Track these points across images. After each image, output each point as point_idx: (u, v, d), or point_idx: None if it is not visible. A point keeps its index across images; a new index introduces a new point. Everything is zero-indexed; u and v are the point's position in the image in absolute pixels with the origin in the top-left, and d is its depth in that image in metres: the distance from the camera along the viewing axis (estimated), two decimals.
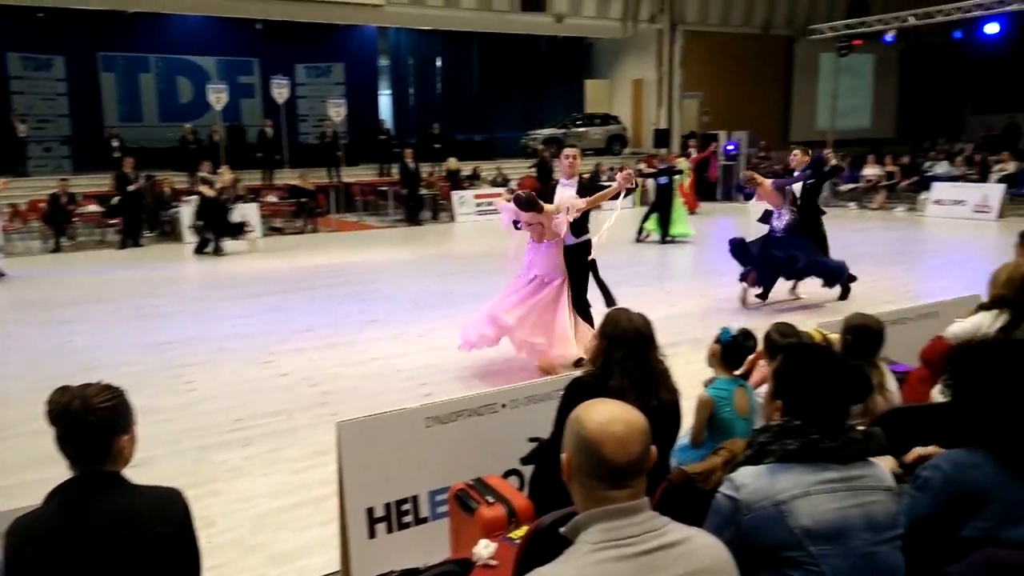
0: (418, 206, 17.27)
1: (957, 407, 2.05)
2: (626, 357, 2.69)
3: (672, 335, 7.07)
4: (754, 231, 8.81)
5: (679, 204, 13.42)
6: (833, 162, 8.75)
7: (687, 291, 9.22)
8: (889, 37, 19.05)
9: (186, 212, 14.12)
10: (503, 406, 3.34)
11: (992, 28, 17.39)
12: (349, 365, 6.61)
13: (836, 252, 11.65)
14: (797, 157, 8.37)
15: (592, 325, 5.61)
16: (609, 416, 1.52)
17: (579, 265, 5.99)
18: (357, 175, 19.91)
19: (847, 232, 14.32)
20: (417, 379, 6.12)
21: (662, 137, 23.74)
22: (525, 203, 5.72)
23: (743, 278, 8.16)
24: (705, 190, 20.44)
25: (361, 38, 23.14)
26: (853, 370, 1.98)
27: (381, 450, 3.11)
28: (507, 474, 3.30)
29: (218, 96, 16.75)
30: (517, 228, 6.12)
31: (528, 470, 3.26)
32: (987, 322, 3.50)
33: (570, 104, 25.98)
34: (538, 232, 5.85)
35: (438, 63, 25.56)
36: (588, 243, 6.07)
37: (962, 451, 1.99)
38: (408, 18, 20.85)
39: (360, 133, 22.02)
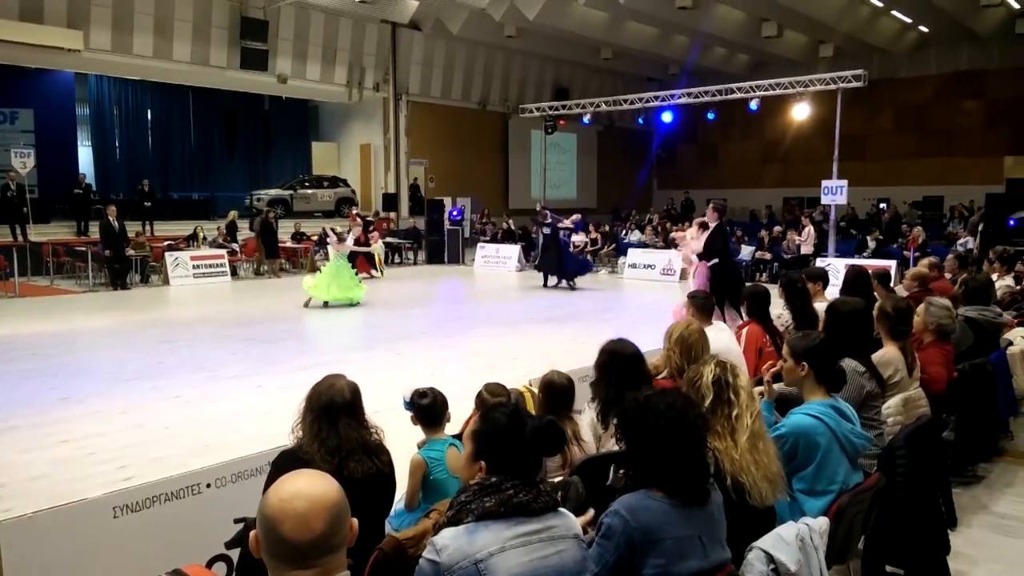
0: (124, 268, 15.71)
1: (628, 455, 2.27)
2: (315, 424, 2.63)
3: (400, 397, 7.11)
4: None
5: (344, 270, 12.99)
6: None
7: (413, 354, 9.33)
8: (586, 120, 21.37)
9: None
10: (207, 486, 3.09)
11: (667, 117, 20.23)
12: (31, 451, 5.72)
13: (551, 312, 12.57)
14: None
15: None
16: (293, 491, 1.45)
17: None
18: (48, 233, 17.68)
19: (558, 294, 15.58)
20: (116, 462, 5.46)
21: (390, 201, 24.17)
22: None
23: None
24: (438, 252, 21.13)
25: (55, 84, 20.88)
26: (547, 426, 2.12)
27: (58, 550, 2.70)
28: (212, 561, 3.03)
29: None
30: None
31: (237, 554, 3.02)
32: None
33: (297, 165, 25.60)
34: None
35: (149, 115, 23.82)
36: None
37: (636, 494, 2.19)
38: (111, 66, 19.21)
39: (53, 187, 19.70)
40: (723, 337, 4.74)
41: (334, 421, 2.63)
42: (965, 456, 4.86)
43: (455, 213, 21.60)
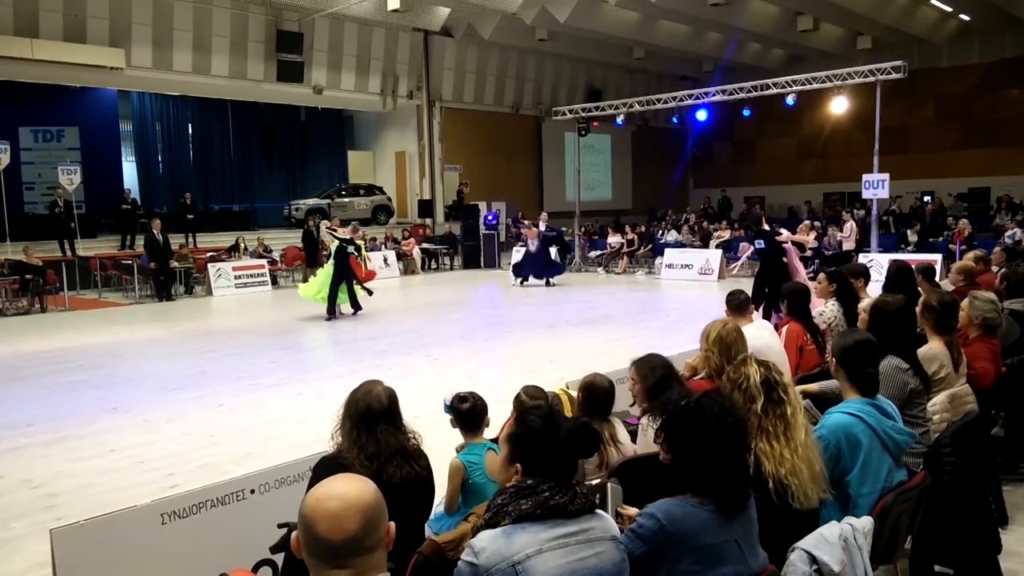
0: (169, 280, 16.08)
1: (675, 461, 2.25)
2: (354, 430, 2.67)
3: (438, 402, 7.16)
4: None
5: (324, 274, 12.52)
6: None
7: (451, 358, 9.39)
8: (620, 121, 21.25)
9: None
10: (252, 492, 3.15)
11: (701, 115, 20.02)
12: (81, 460, 5.88)
13: (586, 314, 12.51)
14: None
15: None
16: (328, 492, 1.49)
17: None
18: (95, 248, 18.17)
19: (595, 295, 15.53)
20: (163, 470, 5.59)
21: (426, 207, 24.35)
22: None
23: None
24: (473, 257, 21.38)
25: (99, 101, 21.46)
26: (581, 428, 2.12)
27: (108, 556, 2.78)
28: (258, 565, 3.10)
29: None
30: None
31: (281, 558, 3.08)
32: None
33: (334, 174, 25.94)
34: None
35: (190, 129, 24.36)
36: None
37: (675, 500, 2.18)
38: (151, 83, 19.69)
39: (99, 202, 20.25)
40: (763, 335, 4.68)
41: (372, 427, 2.67)
42: (1016, 453, 4.73)
43: (490, 218, 21.70)
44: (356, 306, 12.79)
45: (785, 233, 11.08)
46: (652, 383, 3.32)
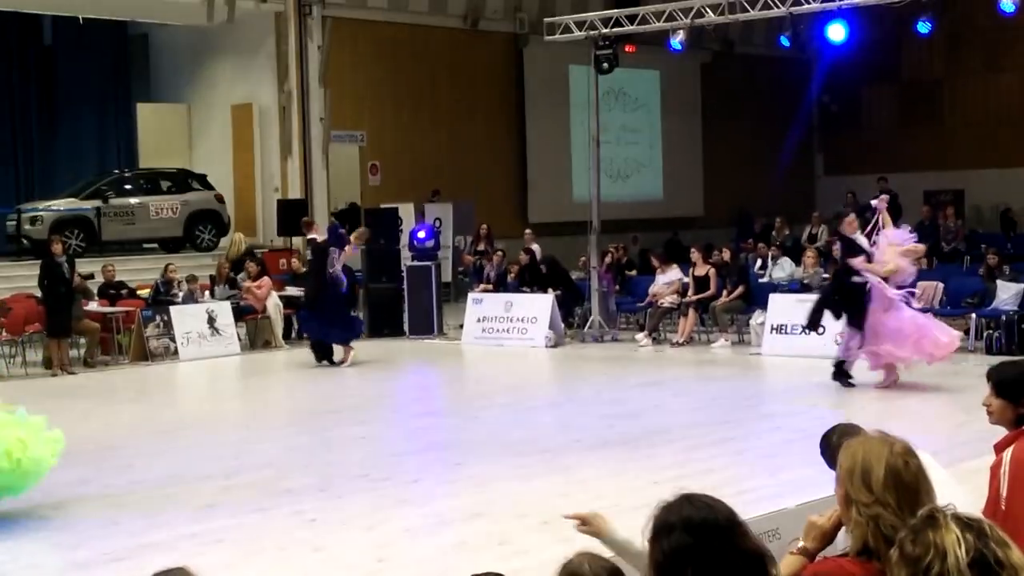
0: None
1: None
2: None
3: None
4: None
5: None
6: None
7: (344, 520, 9.28)
8: (677, 43, 21.27)
9: None
10: None
11: (837, 33, 20.18)
12: None
13: (618, 426, 12.53)
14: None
15: None
16: None
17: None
18: None
19: (634, 387, 15.51)
20: None
21: (294, 217, 24.14)
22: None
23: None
24: (389, 313, 21.33)
25: None
26: None
27: None
28: None
29: None
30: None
31: None
32: None
33: (109, 151, 25.90)
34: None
35: None
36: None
37: None
38: None
39: None
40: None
41: None
42: None
43: (423, 235, 21.67)
44: None
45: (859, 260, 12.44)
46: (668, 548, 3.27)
